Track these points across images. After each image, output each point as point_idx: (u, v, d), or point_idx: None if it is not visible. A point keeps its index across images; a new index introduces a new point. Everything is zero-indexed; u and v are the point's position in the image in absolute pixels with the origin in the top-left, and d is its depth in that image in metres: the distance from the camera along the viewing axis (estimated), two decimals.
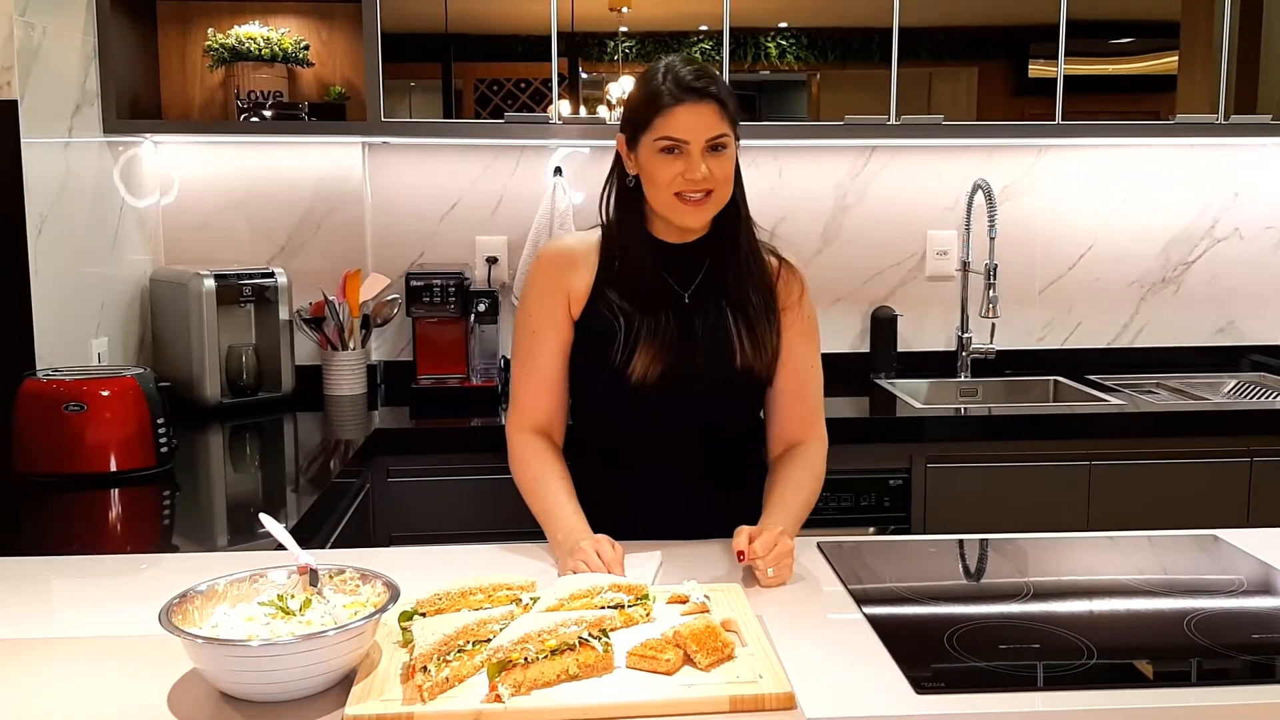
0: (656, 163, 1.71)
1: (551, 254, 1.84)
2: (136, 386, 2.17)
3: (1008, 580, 1.60)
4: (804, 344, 1.85)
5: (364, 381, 3.06)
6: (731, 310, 1.78)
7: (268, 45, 2.95)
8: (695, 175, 1.68)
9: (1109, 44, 3.02)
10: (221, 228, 3.12)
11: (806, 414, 1.85)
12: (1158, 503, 2.74)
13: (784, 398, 1.84)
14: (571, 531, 1.64)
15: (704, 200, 1.71)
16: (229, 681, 1.15)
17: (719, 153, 1.70)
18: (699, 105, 1.68)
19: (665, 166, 1.70)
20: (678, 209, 1.72)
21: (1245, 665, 1.26)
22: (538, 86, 2.90)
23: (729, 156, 1.72)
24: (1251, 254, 3.41)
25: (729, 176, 1.73)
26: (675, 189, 1.70)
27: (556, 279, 1.81)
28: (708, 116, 1.68)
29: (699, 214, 1.73)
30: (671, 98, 1.68)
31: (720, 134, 1.70)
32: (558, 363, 1.82)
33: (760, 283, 1.81)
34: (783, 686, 1.15)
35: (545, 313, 1.81)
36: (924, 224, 3.32)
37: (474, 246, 3.21)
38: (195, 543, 1.91)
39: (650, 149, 1.71)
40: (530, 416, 1.82)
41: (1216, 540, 1.71)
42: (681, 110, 1.68)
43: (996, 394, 3.23)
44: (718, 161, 1.70)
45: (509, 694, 1.13)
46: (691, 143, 1.68)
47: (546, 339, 1.81)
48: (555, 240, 1.90)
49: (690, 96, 1.68)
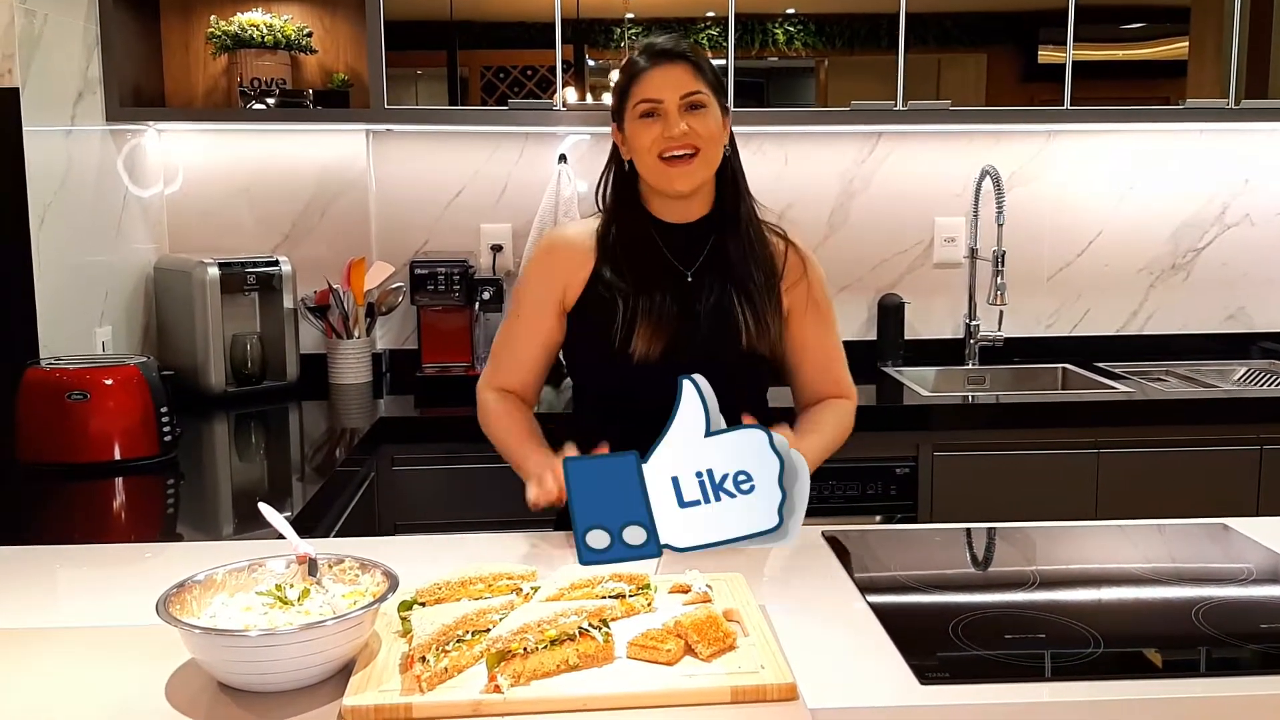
0: (639, 130, 1.76)
1: (552, 242, 1.87)
2: (140, 375, 2.16)
3: (1014, 569, 1.59)
4: (822, 330, 1.89)
5: (369, 370, 3.06)
6: (735, 288, 1.79)
7: (271, 32, 2.94)
8: (673, 131, 1.72)
9: (1119, 29, 2.99)
10: (225, 216, 3.11)
11: (834, 384, 1.91)
12: (1166, 491, 2.72)
13: (810, 385, 1.90)
14: (540, 462, 1.71)
15: (689, 160, 1.74)
16: (226, 672, 1.14)
17: (698, 111, 1.75)
18: (670, 66, 1.75)
19: (646, 130, 1.75)
20: (665, 173, 1.75)
21: (1254, 655, 1.25)
22: (543, 74, 2.88)
23: (710, 115, 1.76)
24: (1262, 240, 3.38)
25: (713, 135, 1.76)
26: (658, 150, 1.74)
27: (555, 267, 1.84)
28: (679, 75, 1.74)
29: (686, 175, 1.75)
30: (644, 64, 1.76)
31: (694, 90, 1.74)
32: (536, 349, 1.87)
33: (763, 260, 1.82)
34: (785, 677, 1.14)
35: (537, 299, 1.86)
36: (932, 210, 3.30)
37: (479, 234, 3.20)
38: (199, 532, 1.91)
39: (633, 118, 1.77)
40: (500, 381, 1.89)
41: (1225, 529, 1.70)
42: (654, 72, 1.75)
43: (1004, 382, 3.21)
44: (698, 119, 1.74)
45: (508, 684, 1.12)
46: (666, 101, 1.74)
47: (531, 324, 1.86)
48: (559, 228, 1.92)
49: (661, 60, 1.75)
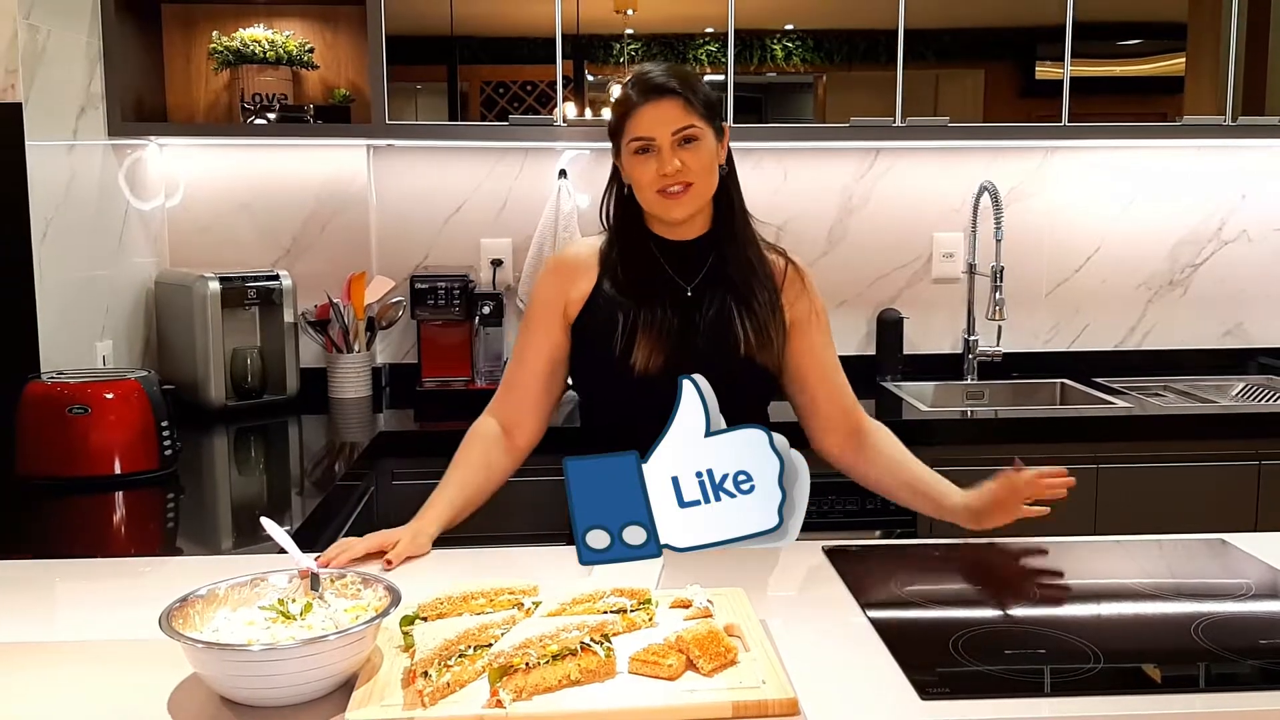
0: (634, 165, 1.77)
1: (554, 264, 1.90)
2: (140, 389, 2.17)
3: (1014, 584, 1.59)
4: (827, 340, 1.90)
5: (369, 384, 3.06)
6: (735, 301, 1.81)
7: (272, 48, 2.95)
8: (667, 169, 1.73)
9: (1116, 45, 3.01)
10: (226, 230, 3.12)
11: (849, 404, 1.91)
12: (1165, 506, 2.72)
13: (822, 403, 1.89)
14: (419, 519, 1.69)
15: (683, 193, 1.76)
16: (229, 686, 1.14)
17: (690, 145, 1.75)
18: (660, 102, 1.74)
19: (642, 167, 1.76)
20: (662, 204, 1.77)
21: (1253, 670, 1.25)
22: (543, 89, 2.89)
23: (703, 148, 1.76)
24: (1259, 256, 3.39)
25: (706, 167, 1.77)
26: (656, 187, 1.75)
27: (557, 290, 1.86)
28: (670, 111, 1.74)
29: (680, 206, 1.77)
30: (636, 100, 1.76)
31: (686, 126, 1.74)
32: (539, 378, 1.87)
33: (763, 276, 1.84)
34: (786, 692, 1.14)
35: (542, 317, 1.87)
36: (930, 226, 3.31)
37: (479, 249, 3.20)
38: (199, 546, 1.91)
39: (628, 153, 1.78)
40: (499, 411, 1.89)
41: (1224, 544, 1.70)
42: (645, 110, 1.75)
43: (1003, 397, 3.22)
44: (690, 154, 1.75)
45: (510, 699, 1.12)
46: (658, 139, 1.74)
47: (538, 339, 1.87)
48: (561, 250, 1.94)
49: (652, 95, 1.75)
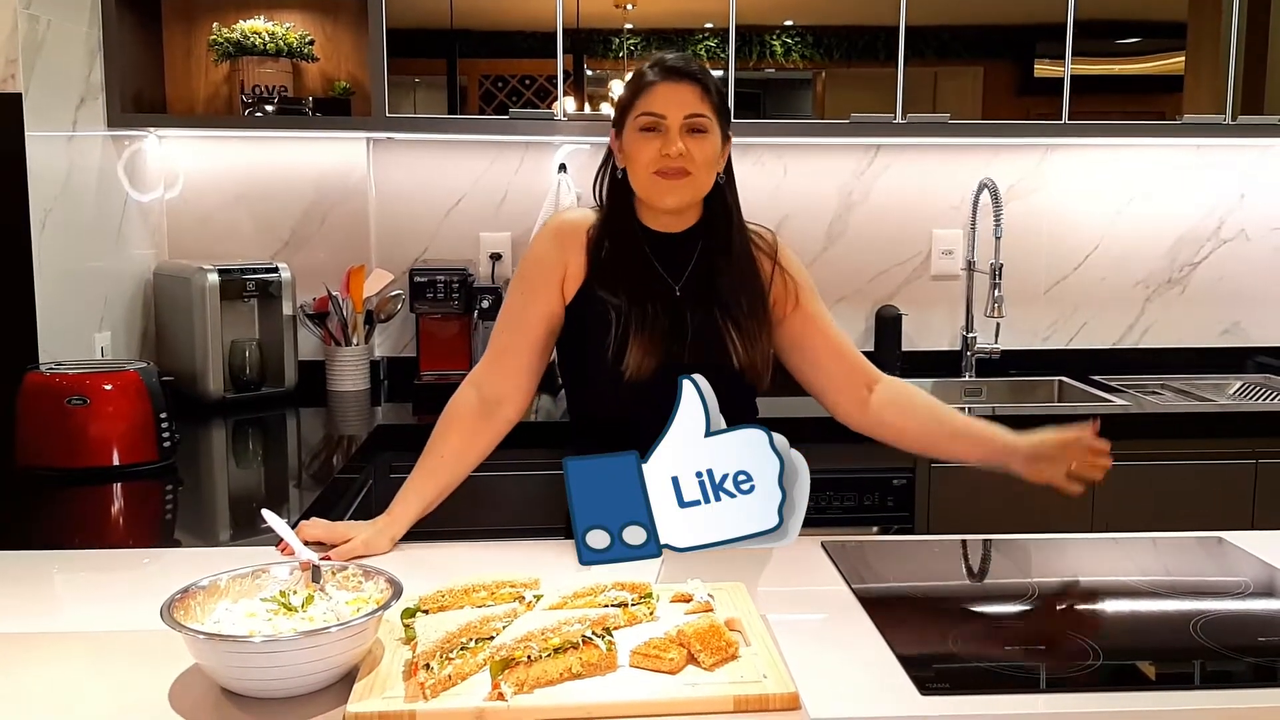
0: (637, 142, 1.75)
1: (555, 228, 1.85)
2: (139, 381, 2.16)
3: (1012, 581, 1.60)
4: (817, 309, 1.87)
5: (367, 377, 3.06)
6: (720, 312, 1.79)
7: (272, 40, 2.95)
8: (671, 150, 1.72)
9: (1116, 44, 3.01)
10: (225, 222, 3.12)
11: (857, 360, 1.88)
12: (1162, 504, 2.73)
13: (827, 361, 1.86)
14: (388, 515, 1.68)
15: (680, 179, 1.74)
16: (231, 678, 1.15)
17: (698, 136, 1.74)
18: (679, 84, 1.74)
19: (645, 145, 1.74)
20: (656, 187, 1.75)
21: (1250, 668, 1.26)
22: (543, 83, 2.89)
23: (709, 141, 1.75)
24: (1258, 255, 3.40)
25: (707, 161, 1.75)
26: (654, 168, 1.73)
27: (558, 254, 1.82)
28: (687, 95, 1.73)
29: (675, 193, 1.75)
30: (653, 77, 1.75)
31: (698, 113, 1.73)
32: (536, 346, 1.81)
33: (752, 288, 1.82)
34: (787, 687, 1.14)
35: (541, 288, 1.81)
36: (929, 223, 3.31)
37: (478, 243, 3.20)
38: (198, 537, 1.91)
39: (633, 130, 1.76)
40: (486, 382, 1.80)
41: (1221, 542, 1.71)
42: (662, 87, 1.74)
43: (1001, 394, 3.22)
44: (696, 143, 1.73)
45: (511, 692, 1.13)
46: (669, 118, 1.73)
47: (538, 315, 1.81)
48: (561, 214, 1.89)
49: (672, 76, 1.74)
